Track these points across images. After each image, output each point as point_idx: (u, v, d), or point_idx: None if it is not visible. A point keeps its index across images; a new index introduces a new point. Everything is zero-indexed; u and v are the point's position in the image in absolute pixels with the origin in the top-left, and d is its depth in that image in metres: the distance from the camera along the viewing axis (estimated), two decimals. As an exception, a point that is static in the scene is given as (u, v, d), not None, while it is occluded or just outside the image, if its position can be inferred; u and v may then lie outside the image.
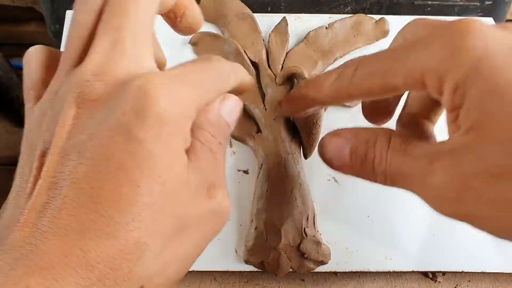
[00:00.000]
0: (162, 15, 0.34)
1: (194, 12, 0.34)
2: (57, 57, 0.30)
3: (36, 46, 0.32)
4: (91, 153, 0.24)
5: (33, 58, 0.31)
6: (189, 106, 0.27)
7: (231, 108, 0.32)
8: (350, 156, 0.33)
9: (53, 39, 0.61)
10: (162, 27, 0.53)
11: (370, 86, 0.31)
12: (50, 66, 0.30)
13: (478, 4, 0.57)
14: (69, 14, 0.54)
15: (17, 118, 0.73)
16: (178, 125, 0.26)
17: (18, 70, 0.77)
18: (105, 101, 0.26)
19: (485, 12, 0.57)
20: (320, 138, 0.47)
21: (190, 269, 0.45)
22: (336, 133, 0.34)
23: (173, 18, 0.34)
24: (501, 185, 0.25)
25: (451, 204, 0.28)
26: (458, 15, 0.58)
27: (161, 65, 0.36)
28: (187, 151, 0.28)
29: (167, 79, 0.26)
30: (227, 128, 0.31)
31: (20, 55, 0.88)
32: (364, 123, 0.49)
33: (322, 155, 0.35)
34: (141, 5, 0.29)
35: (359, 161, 0.32)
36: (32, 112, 0.29)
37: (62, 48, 0.52)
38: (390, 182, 0.31)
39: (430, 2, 0.57)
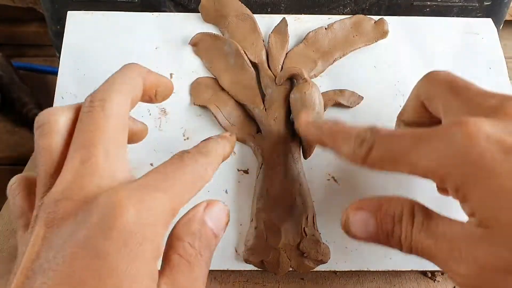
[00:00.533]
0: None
1: (164, 85, 0.35)
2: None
3: (17, 176, 0.32)
4: (54, 272, 0.23)
5: (16, 189, 0.31)
6: (160, 213, 0.26)
7: (217, 215, 0.31)
8: (375, 230, 0.33)
9: (54, 40, 0.61)
10: (161, 26, 0.54)
11: (382, 168, 0.33)
12: (34, 193, 0.30)
13: (477, 4, 0.57)
14: (70, 14, 0.54)
15: (18, 119, 0.74)
16: (147, 235, 0.25)
17: (19, 70, 0.78)
18: (73, 218, 0.25)
19: (484, 12, 0.57)
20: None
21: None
22: (359, 206, 0.34)
23: (148, 100, 0.35)
24: (509, 279, 0.26)
25: None
26: (457, 15, 0.58)
27: (142, 132, 0.37)
28: (164, 264, 0.27)
29: (135, 189, 0.26)
30: (211, 237, 0.30)
31: (21, 55, 0.89)
32: (363, 122, 0.49)
33: (346, 228, 0.35)
34: (111, 118, 0.29)
35: (385, 235, 0.32)
36: (22, 239, 0.29)
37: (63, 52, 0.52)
38: (416, 254, 0.32)
39: (429, 3, 0.57)
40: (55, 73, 0.52)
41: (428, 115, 0.37)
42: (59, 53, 0.53)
